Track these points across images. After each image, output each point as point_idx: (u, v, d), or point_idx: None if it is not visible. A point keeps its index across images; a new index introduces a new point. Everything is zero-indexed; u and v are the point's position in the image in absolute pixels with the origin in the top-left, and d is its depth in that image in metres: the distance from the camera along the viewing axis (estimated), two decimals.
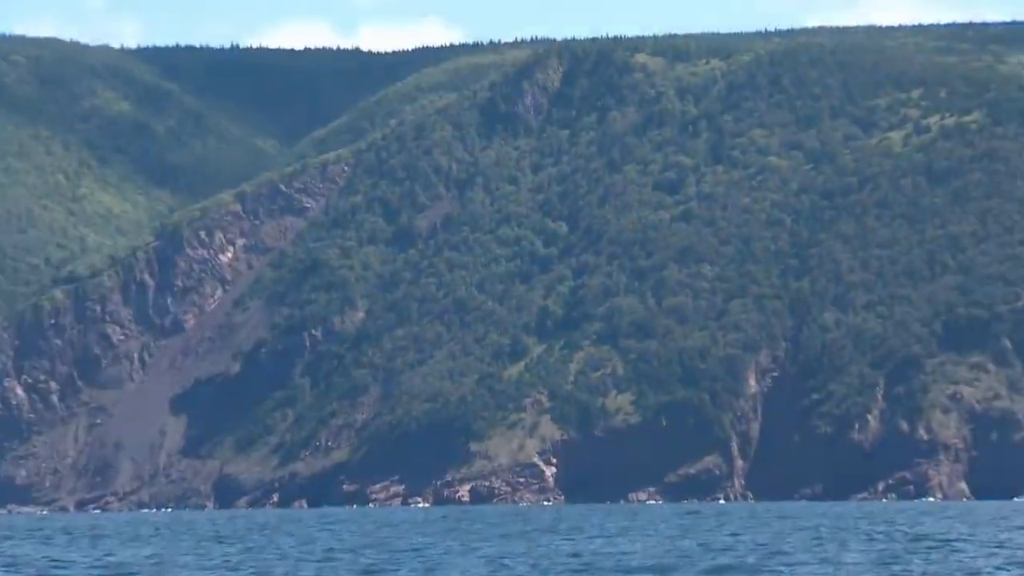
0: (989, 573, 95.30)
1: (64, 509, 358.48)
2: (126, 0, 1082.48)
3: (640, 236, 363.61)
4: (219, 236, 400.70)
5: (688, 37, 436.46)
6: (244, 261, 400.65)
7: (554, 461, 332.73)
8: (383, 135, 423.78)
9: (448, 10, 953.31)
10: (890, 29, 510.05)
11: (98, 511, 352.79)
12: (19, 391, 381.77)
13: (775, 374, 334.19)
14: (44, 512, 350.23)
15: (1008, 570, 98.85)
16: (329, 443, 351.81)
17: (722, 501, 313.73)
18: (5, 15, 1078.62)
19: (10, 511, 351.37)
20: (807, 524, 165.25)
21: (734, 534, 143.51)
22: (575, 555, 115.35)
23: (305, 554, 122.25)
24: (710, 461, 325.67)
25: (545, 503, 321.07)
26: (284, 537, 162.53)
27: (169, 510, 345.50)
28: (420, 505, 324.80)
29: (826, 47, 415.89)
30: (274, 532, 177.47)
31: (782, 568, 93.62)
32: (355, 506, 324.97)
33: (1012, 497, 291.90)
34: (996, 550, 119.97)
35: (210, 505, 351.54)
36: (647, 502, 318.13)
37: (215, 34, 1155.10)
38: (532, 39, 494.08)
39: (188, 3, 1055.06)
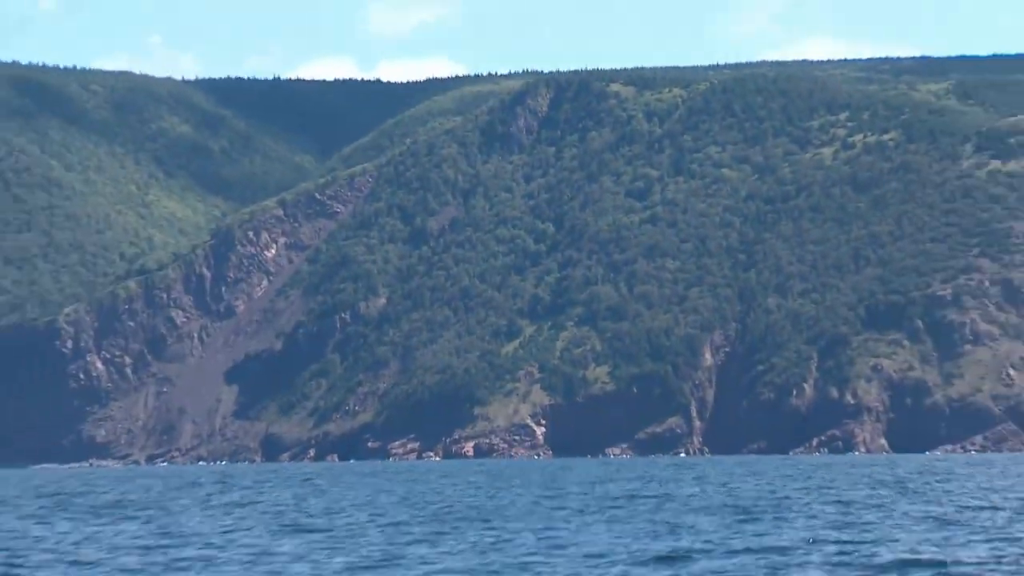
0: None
1: (136, 463, 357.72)
2: (185, 39, 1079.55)
3: (614, 235, 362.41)
4: (264, 236, 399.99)
5: (654, 69, 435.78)
6: (285, 256, 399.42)
7: (543, 422, 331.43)
8: (400, 152, 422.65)
9: (453, 48, 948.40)
10: (821, 63, 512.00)
11: (165, 464, 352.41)
12: (99, 365, 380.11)
13: (727, 350, 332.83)
14: (119, 465, 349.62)
15: None
16: (356, 407, 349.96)
17: (683, 455, 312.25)
18: (85, 52, 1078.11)
19: (91, 464, 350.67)
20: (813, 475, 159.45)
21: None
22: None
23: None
24: (673, 422, 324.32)
25: (535, 457, 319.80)
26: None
27: (223, 463, 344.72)
28: (432, 459, 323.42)
29: (768, 77, 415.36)
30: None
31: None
32: (380, 460, 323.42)
33: (924, 451, 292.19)
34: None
35: (258, 459, 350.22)
36: (620, 456, 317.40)
37: (261, 68, 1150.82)
38: (524, 71, 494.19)
39: (237, 42, 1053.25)
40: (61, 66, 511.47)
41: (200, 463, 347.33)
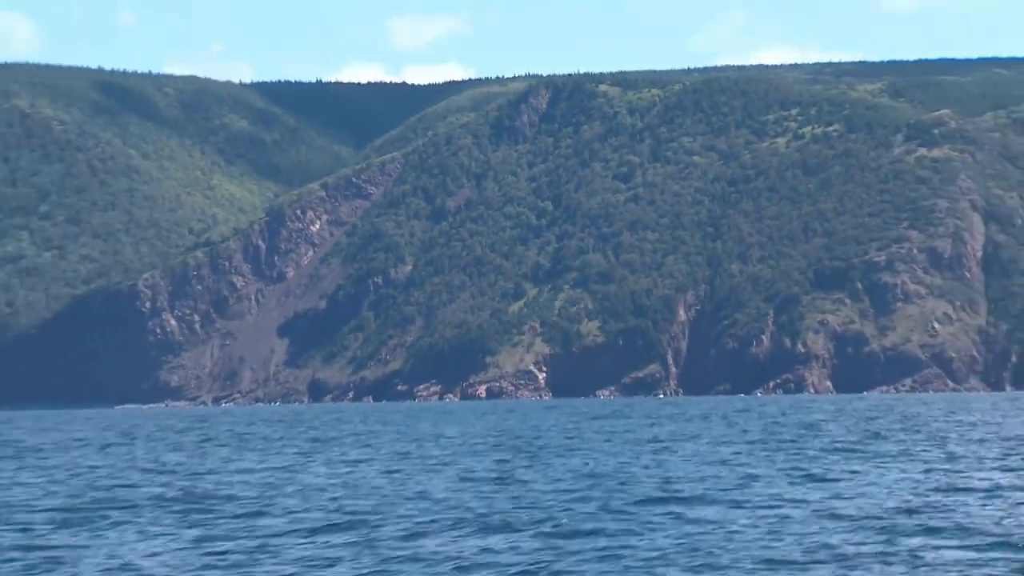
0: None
1: (204, 403, 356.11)
2: (241, 48, 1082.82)
3: (603, 212, 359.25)
4: (310, 213, 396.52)
5: (636, 73, 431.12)
6: (327, 231, 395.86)
7: (544, 369, 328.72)
8: (423, 143, 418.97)
9: (466, 56, 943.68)
10: (776, 67, 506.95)
11: (228, 404, 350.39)
12: (172, 321, 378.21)
13: (697, 308, 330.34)
14: (190, 406, 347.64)
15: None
16: (387, 357, 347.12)
17: (661, 396, 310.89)
18: (158, 59, 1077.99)
19: (167, 405, 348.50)
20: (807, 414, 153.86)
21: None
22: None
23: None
24: (652, 368, 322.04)
25: (537, 398, 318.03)
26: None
27: (277, 404, 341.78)
28: (451, 400, 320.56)
29: (732, 80, 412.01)
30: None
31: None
32: (407, 401, 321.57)
33: (863, 391, 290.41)
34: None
35: (305, 400, 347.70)
36: (608, 397, 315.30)
37: (305, 73, 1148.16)
38: (526, 75, 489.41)
39: (285, 51, 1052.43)
40: (138, 71, 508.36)
41: (257, 404, 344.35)
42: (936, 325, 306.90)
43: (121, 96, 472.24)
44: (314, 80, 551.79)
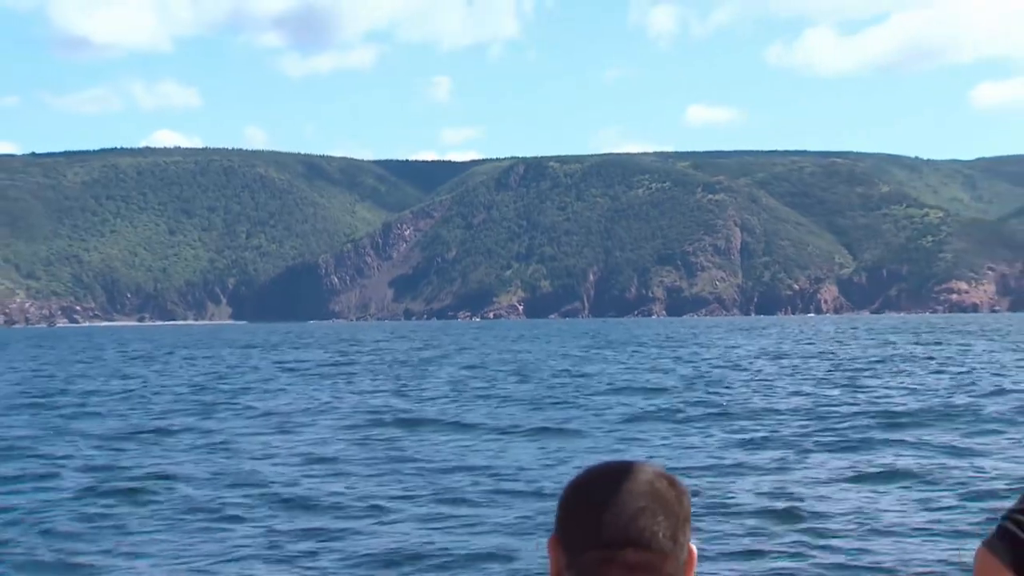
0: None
1: (351, 320, 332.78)
2: (371, 138, 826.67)
3: (552, 226, 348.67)
4: (404, 225, 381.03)
5: (568, 156, 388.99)
6: (413, 235, 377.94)
7: (521, 305, 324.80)
8: (460, 190, 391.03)
9: (482, 147, 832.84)
10: (640, 153, 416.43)
11: (362, 320, 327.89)
12: (335, 279, 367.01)
13: (597, 274, 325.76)
14: (346, 322, 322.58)
15: None
16: (443, 298, 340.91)
17: (580, 318, 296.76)
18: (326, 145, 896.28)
19: (332, 322, 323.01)
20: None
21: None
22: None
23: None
24: (576, 305, 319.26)
25: (520, 319, 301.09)
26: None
27: (387, 321, 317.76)
28: (476, 320, 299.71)
29: (618, 159, 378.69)
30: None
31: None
32: (454, 321, 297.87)
33: (683, 316, 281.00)
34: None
35: (401, 319, 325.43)
36: (554, 318, 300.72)
37: (401, 152, 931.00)
38: (512, 157, 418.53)
39: (395, 137, 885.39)
40: (322, 154, 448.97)
41: (375, 321, 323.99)
42: (717, 283, 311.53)
43: (308, 165, 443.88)
44: (406, 159, 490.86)
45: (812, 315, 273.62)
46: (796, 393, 34.30)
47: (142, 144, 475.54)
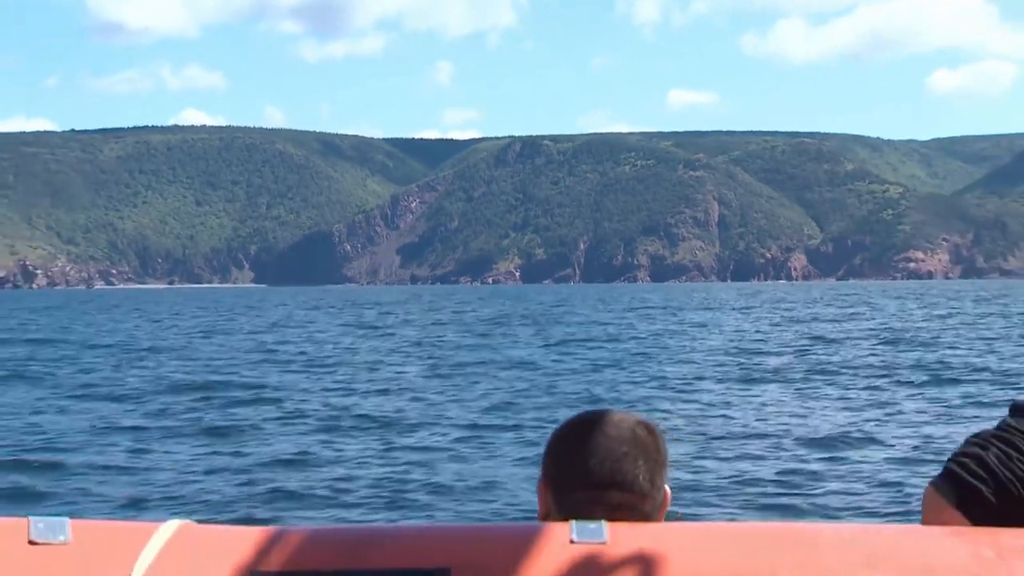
0: None
1: (360, 284, 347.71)
2: (378, 114, 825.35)
3: (546, 199, 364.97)
4: (411, 198, 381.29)
5: (562, 136, 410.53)
6: (419, 206, 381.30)
7: (518, 271, 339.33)
8: (462, 166, 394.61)
9: (482, 126, 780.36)
10: (623, 132, 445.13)
11: (371, 285, 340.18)
12: (348, 247, 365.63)
13: (587, 242, 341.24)
14: (356, 286, 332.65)
15: None
16: (446, 264, 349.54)
17: (571, 284, 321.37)
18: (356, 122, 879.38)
19: (344, 286, 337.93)
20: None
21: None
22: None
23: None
24: (568, 271, 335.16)
25: (516, 284, 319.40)
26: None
27: (395, 287, 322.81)
28: (477, 286, 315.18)
29: (605, 138, 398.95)
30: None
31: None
32: (454, 286, 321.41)
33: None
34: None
35: (408, 284, 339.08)
36: (548, 284, 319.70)
37: (408, 130, 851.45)
38: (510, 135, 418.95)
39: (407, 117, 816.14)
40: (341, 132, 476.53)
41: (384, 286, 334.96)
42: (697, 252, 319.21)
43: (323, 142, 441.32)
44: (412, 137, 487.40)
45: (783, 281, 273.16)
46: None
47: (171, 122, 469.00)
